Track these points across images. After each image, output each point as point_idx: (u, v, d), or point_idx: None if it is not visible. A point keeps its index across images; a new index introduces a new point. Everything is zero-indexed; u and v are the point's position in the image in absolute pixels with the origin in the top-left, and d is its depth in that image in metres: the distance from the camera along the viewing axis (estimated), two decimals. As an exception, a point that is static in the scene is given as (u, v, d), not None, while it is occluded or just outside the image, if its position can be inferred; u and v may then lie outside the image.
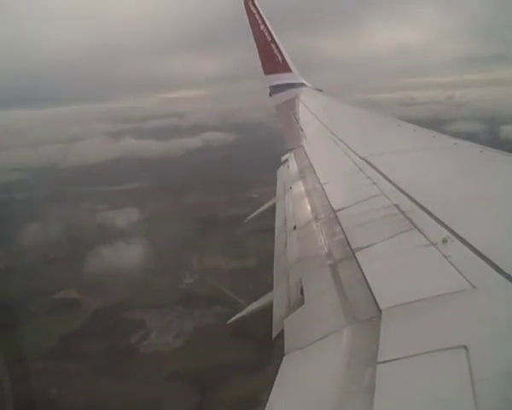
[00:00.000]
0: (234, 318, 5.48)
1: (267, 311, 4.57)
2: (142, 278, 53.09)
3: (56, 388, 34.04)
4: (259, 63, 19.61)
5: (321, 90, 19.42)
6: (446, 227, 4.00)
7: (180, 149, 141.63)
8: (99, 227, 69.88)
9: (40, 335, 41.39)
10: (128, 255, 59.15)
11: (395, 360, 2.55)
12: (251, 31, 19.38)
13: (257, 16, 19.10)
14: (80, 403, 31.29)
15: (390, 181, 5.77)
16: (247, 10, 19.17)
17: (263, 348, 33.39)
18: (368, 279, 3.57)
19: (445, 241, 3.74)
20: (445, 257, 3.51)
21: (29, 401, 32.15)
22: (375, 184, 5.85)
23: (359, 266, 3.85)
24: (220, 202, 75.72)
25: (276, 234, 6.05)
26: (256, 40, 19.38)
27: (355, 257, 4.05)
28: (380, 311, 3.10)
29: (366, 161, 7.00)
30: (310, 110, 14.82)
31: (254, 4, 19.12)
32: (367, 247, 4.17)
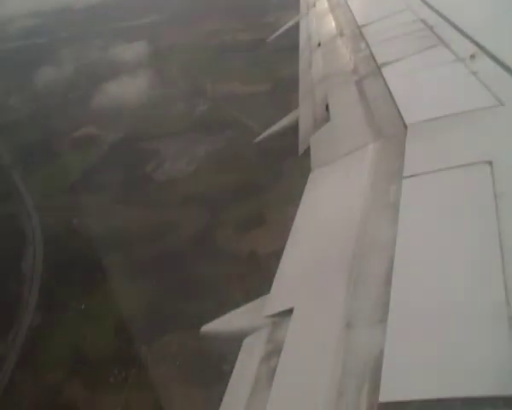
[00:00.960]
0: (260, 136, 5.66)
1: (292, 131, 4.76)
2: (157, 108, 53.00)
3: (78, 217, 35.79)
4: None
5: None
6: (475, 43, 3.86)
7: None
8: (113, 63, 68.19)
9: (64, 171, 42.63)
10: (143, 87, 58.75)
11: (420, 174, 2.60)
12: None
13: None
14: (100, 230, 33.18)
15: None
16: None
17: (274, 166, 35.32)
18: (393, 95, 3.59)
19: (473, 57, 3.65)
20: (473, 73, 3.42)
21: (53, 233, 34.44)
22: None
23: (385, 82, 3.86)
24: (235, 28, 72.50)
25: (301, 52, 6.00)
26: None
27: (381, 72, 4.05)
28: (405, 126, 3.11)
29: None
30: None
31: None
32: (393, 62, 4.15)
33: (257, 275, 24.03)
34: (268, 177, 35.31)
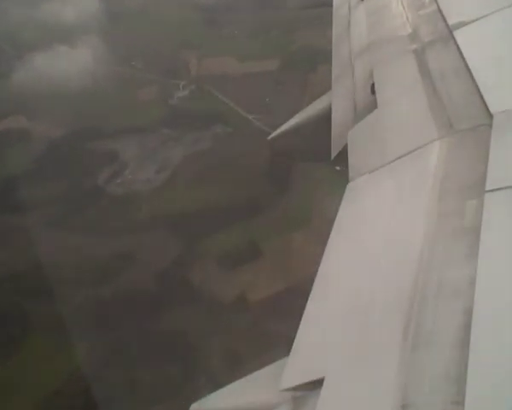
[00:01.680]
0: (276, 132, 5.61)
1: (321, 121, 4.69)
2: (115, 92, 52.97)
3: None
4: None
5: None
6: None
7: None
8: (49, 25, 68.38)
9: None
10: (94, 61, 58.55)
11: (510, 187, 2.53)
12: None
13: None
14: (28, 266, 32.73)
15: None
16: None
17: (277, 179, 35.23)
18: (471, 69, 3.54)
19: None
20: None
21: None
22: None
23: (459, 51, 3.82)
24: None
25: (335, 9, 5.94)
26: None
27: (453, 37, 4.00)
28: (490, 116, 3.05)
29: None
30: None
31: None
32: (471, 22, 4.08)
33: (250, 331, 24.07)
34: (267, 192, 35.37)
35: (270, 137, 5.87)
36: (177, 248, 32.88)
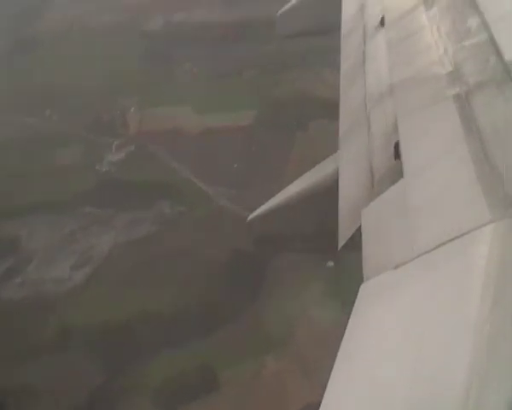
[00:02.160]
0: (254, 214, 5.61)
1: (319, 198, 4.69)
2: (25, 154, 53.26)
3: None
4: None
5: None
6: None
7: None
8: None
9: None
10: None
11: None
12: None
13: None
14: None
15: None
16: None
17: (246, 279, 34.99)
18: None
19: None
20: None
21: None
22: None
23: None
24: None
25: (343, 37, 5.99)
26: None
27: (511, 79, 4.05)
28: None
29: None
30: None
31: None
32: None
33: None
34: (232, 297, 35.06)
35: (249, 219, 5.80)
36: (98, 379, 32.25)
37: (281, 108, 44.56)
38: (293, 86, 42.39)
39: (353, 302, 3.44)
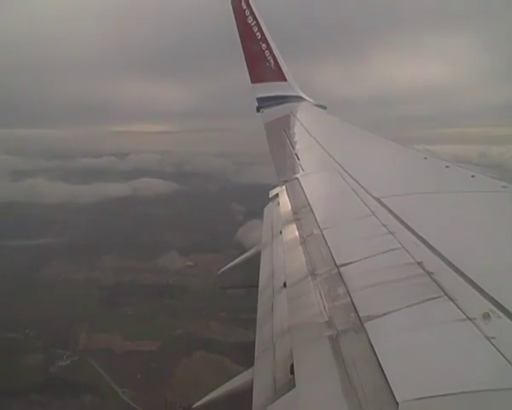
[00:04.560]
0: (200, 402, 5.41)
1: (243, 395, 4.54)
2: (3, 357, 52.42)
3: None
4: (245, 75, 19.85)
5: (324, 108, 19.64)
6: (488, 297, 3.99)
7: (102, 196, 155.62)
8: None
9: None
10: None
11: None
12: (238, 33, 19.67)
13: (247, 11, 19.28)
14: None
15: (412, 231, 5.85)
16: (234, 8, 19.45)
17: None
18: (381, 360, 3.56)
19: (487, 316, 3.72)
20: (488, 338, 3.47)
21: None
22: (392, 233, 5.93)
23: (369, 342, 3.84)
24: (140, 268, 78.92)
25: (260, 291, 6.06)
26: (243, 42, 19.53)
27: (364, 329, 4.05)
28: (396, 404, 3.05)
29: (381, 203, 7.11)
30: (309, 132, 14.95)
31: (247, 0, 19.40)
32: (380, 316, 4.19)
33: None
34: None
35: None
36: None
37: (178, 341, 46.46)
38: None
39: None
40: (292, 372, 4.05)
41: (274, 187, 10.71)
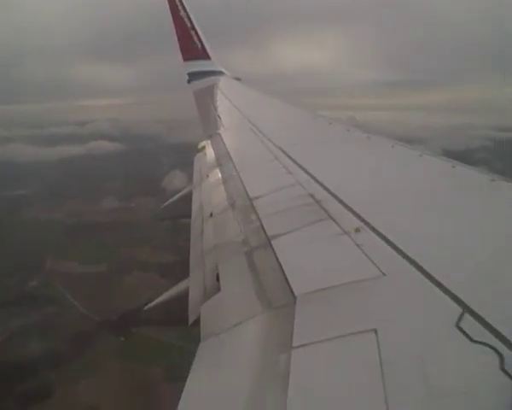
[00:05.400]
0: (150, 304, 5.30)
1: (182, 299, 4.48)
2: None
3: None
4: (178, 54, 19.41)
5: (239, 79, 19.53)
6: (359, 217, 4.16)
7: (66, 156, 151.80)
8: None
9: None
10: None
11: (309, 344, 2.62)
12: (171, 17, 19.17)
13: (177, 1, 18.90)
14: None
15: (305, 170, 5.89)
16: (169, 3, 18.88)
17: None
18: (283, 266, 3.60)
19: (357, 230, 3.88)
20: (358, 246, 3.64)
21: None
22: (290, 173, 5.94)
23: (275, 254, 3.86)
24: (94, 210, 78.41)
25: (192, 221, 5.99)
26: (176, 26, 19.22)
27: (271, 245, 4.06)
28: (294, 297, 3.14)
29: (282, 151, 7.10)
30: (228, 99, 14.79)
31: None
32: (282, 235, 4.21)
33: None
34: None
35: (145, 308, 5.48)
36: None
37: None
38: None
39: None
40: (218, 280, 4.02)
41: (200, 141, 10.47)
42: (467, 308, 2.67)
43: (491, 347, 2.33)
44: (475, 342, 2.39)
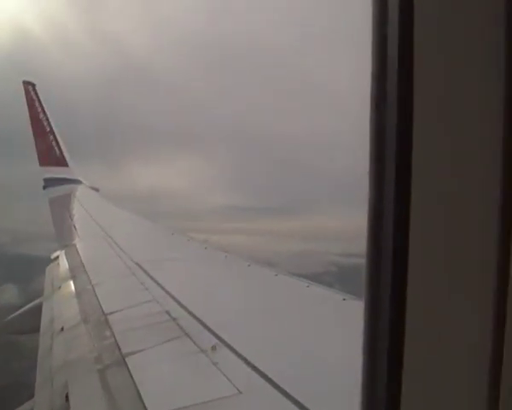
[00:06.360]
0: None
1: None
2: None
3: None
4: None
5: (97, 190, 19.17)
6: (216, 335, 4.23)
7: None
8: None
9: None
10: None
11: None
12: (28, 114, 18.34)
13: (36, 103, 18.24)
14: None
15: (162, 287, 6.00)
16: (26, 93, 18.12)
17: None
18: (138, 385, 3.54)
19: (214, 348, 3.94)
20: (214, 364, 3.68)
21: None
22: (147, 289, 6.00)
23: (129, 372, 3.80)
24: None
25: (41, 336, 5.61)
26: (33, 127, 18.29)
27: (125, 362, 4.00)
28: None
29: (139, 266, 7.16)
30: (85, 209, 14.47)
31: (35, 90, 18.27)
32: (138, 352, 4.18)
33: None
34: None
35: None
36: None
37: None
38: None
39: None
40: (67, 399, 3.75)
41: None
42: None
43: None
44: None
